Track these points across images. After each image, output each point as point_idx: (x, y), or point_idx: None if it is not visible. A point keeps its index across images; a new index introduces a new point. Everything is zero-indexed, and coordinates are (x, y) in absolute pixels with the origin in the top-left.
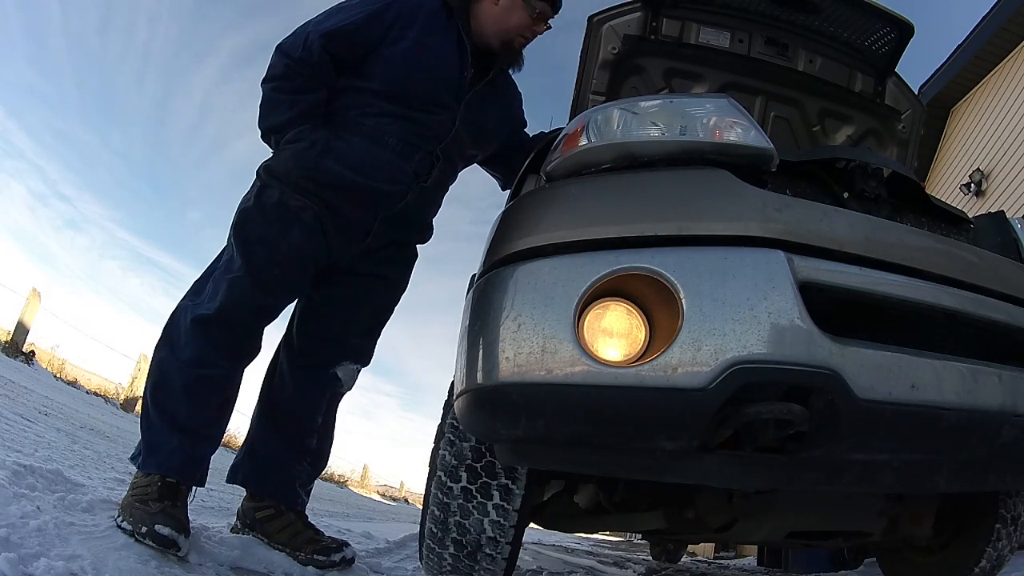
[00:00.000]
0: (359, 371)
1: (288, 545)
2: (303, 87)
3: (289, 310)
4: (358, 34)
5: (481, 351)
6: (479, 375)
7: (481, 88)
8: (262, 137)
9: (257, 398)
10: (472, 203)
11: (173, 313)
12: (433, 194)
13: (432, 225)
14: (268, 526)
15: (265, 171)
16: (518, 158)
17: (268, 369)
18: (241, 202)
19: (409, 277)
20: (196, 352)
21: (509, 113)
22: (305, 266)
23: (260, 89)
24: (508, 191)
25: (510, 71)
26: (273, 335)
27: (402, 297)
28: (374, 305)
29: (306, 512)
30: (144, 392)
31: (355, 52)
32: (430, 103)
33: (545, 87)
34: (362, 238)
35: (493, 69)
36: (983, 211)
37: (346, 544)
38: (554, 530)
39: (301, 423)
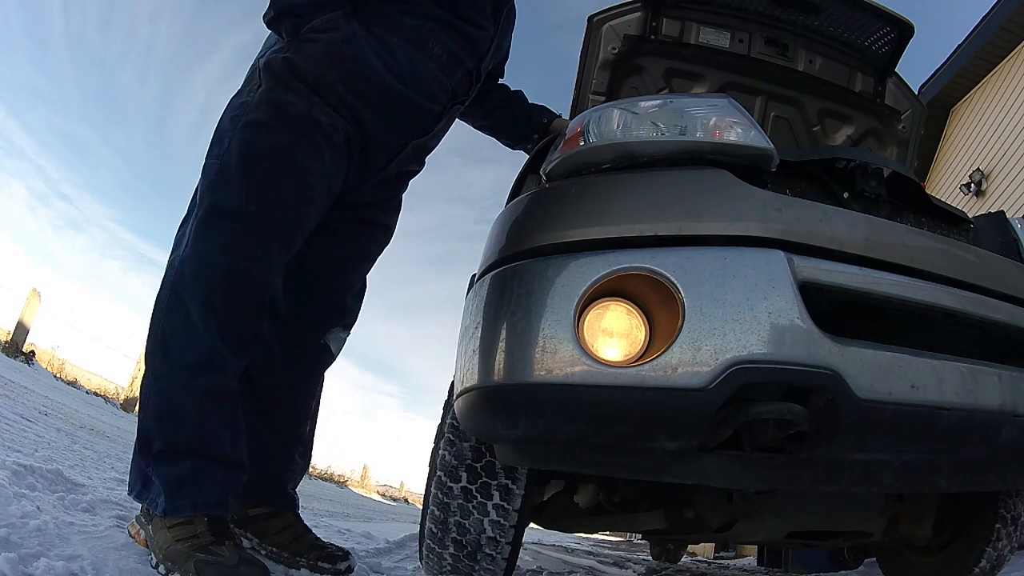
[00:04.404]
0: (346, 340)
1: (287, 549)
2: None
3: None
4: None
5: (481, 351)
6: (479, 375)
7: (511, 6)
8: (271, 22)
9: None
10: (475, 203)
11: (159, 301)
12: (452, 121)
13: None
14: (264, 526)
15: (287, 69)
16: (493, 95)
17: None
18: (241, 110)
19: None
20: (197, 351)
21: (509, 42)
22: (327, 205)
23: None
24: (509, 191)
25: None
26: None
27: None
28: (372, 258)
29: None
30: (144, 421)
31: None
32: (477, 12)
33: (545, 87)
34: (382, 166)
35: None
36: (983, 211)
37: (349, 552)
38: (554, 530)
39: (296, 409)
